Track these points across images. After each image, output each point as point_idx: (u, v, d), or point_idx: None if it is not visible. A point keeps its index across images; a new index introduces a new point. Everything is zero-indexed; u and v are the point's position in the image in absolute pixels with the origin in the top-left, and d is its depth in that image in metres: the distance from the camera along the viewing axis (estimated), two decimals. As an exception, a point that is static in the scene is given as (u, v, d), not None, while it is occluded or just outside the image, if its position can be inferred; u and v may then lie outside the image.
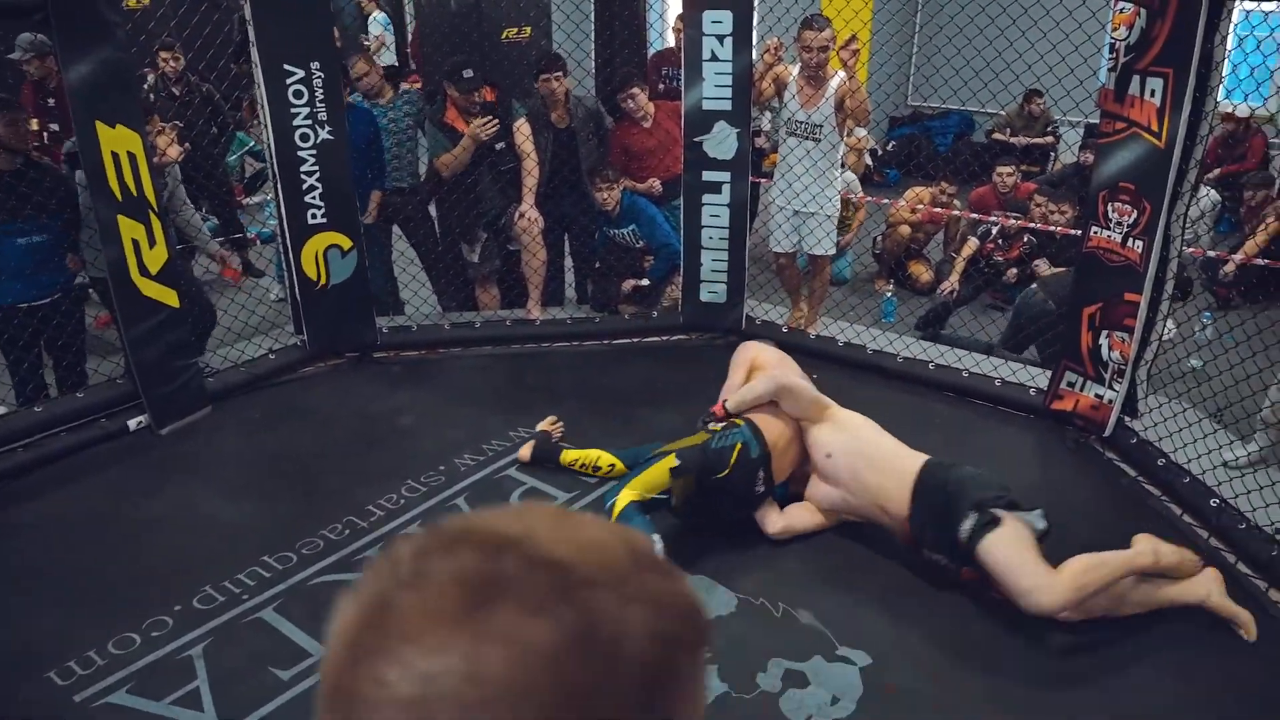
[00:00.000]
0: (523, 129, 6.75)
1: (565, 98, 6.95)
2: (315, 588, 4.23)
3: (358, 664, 0.59)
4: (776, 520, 4.57)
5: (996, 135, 11.28)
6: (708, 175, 6.61)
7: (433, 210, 7.25)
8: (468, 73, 6.44)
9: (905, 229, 8.52)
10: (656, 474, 4.33)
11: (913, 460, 4.30)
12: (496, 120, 6.59)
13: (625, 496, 4.21)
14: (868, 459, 4.37)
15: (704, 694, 0.67)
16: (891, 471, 4.29)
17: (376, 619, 0.59)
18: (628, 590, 0.61)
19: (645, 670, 0.60)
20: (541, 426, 5.44)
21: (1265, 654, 3.90)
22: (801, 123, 6.51)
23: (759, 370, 4.92)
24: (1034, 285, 7.04)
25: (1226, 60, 4.68)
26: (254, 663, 3.79)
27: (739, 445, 4.45)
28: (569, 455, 5.13)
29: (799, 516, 4.59)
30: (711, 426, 4.58)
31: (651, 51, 8.59)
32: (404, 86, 7.14)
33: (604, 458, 5.07)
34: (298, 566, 4.37)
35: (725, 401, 4.71)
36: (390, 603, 0.59)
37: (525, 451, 5.22)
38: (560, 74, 6.82)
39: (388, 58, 11.97)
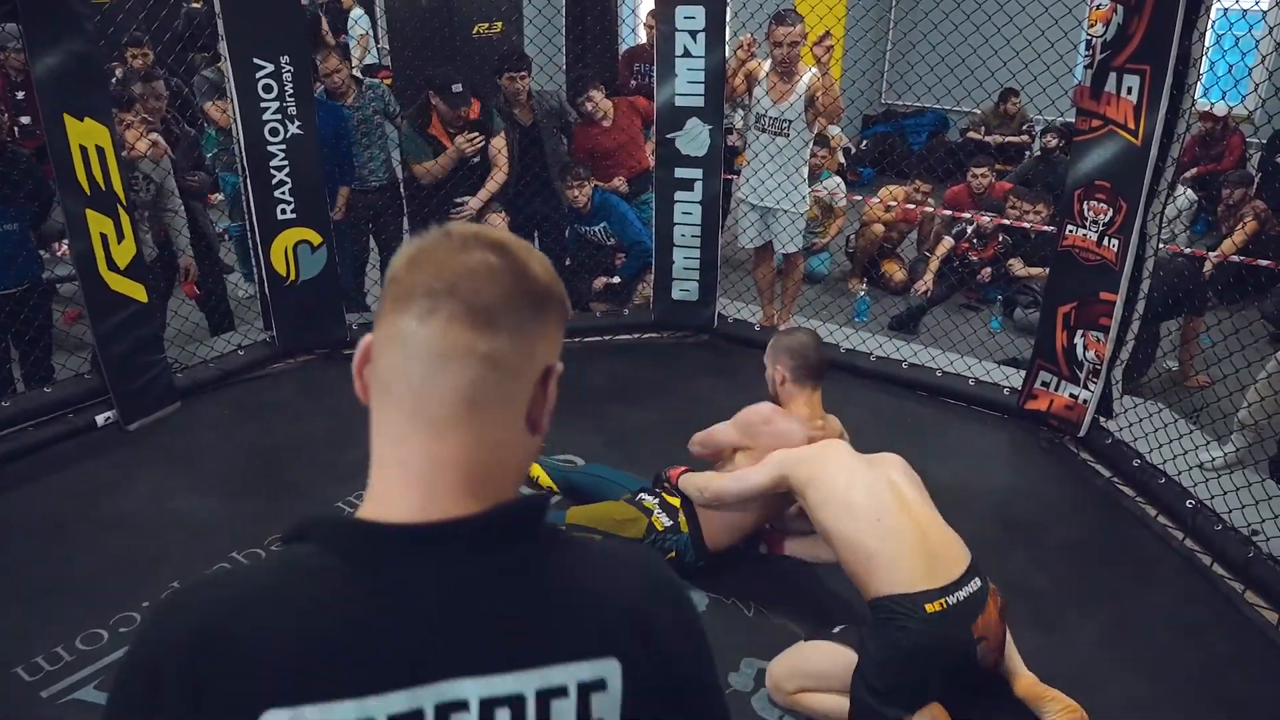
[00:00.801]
0: (498, 141, 6.76)
1: (528, 96, 6.93)
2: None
3: (405, 268, 1.16)
4: (784, 546, 4.35)
5: (971, 134, 11.29)
6: (680, 172, 6.57)
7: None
8: (457, 87, 6.40)
9: (879, 228, 8.50)
10: None
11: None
12: (483, 138, 6.62)
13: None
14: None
15: (559, 346, 1.25)
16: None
17: (420, 252, 1.16)
18: (532, 257, 1.21)
19: (537, 291, 1.18)
20: None
21: (1240, 658, 3.89)
22: (772, 118, 6.46)
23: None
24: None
25: (1204, 58, 4.67)
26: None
27: (673, 553, 4.13)
28: None
29: (809, 548, 4.26)
30: (654, 521, 4.15)
31: (623, 47, 8.56)
32: (368, 80, 7.08)
33: (534, 468, 4.80)
34: (264, 565, 4.30)
35: (681, 475, 4.22)
36: (428, 245, 1.17)
37: None
38: (524, 73, 6.79)
39: (369, 57, 11.92)
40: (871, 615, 3.37)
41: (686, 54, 6.29)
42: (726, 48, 6.37)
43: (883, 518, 3.40)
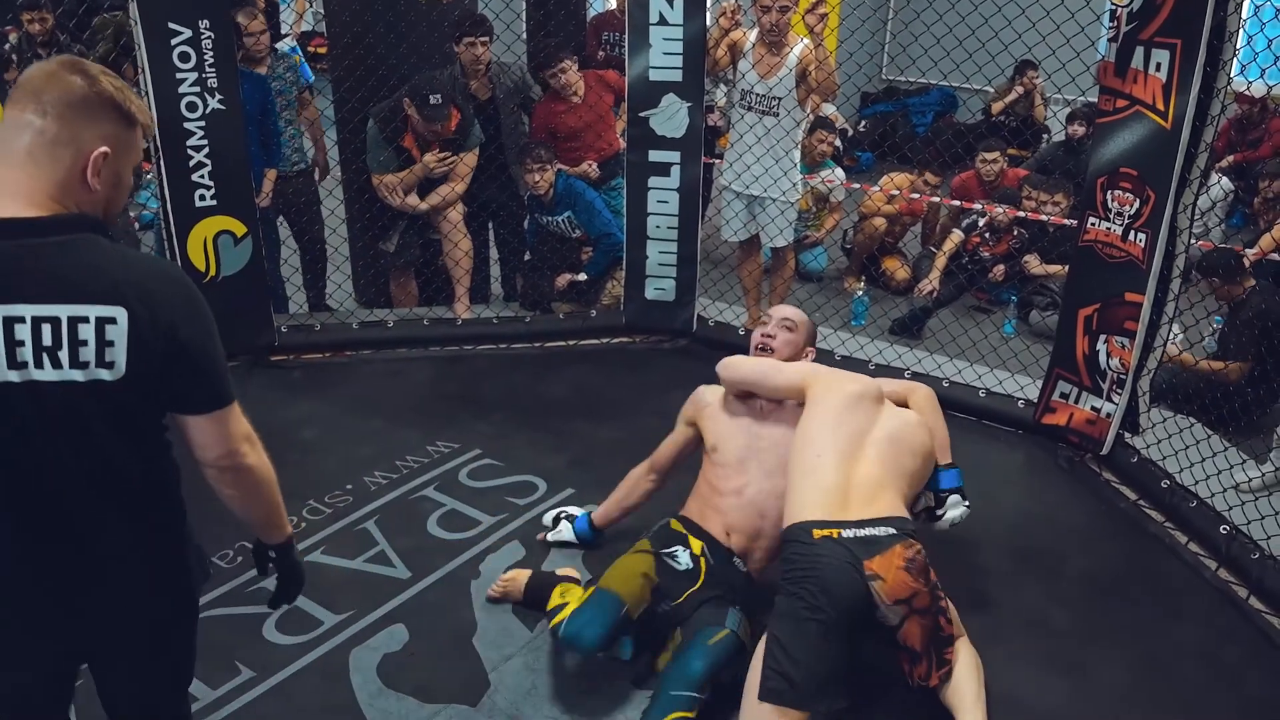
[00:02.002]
0: (469, 160, 6.83)
1: (487, 66, 6.95)
2: (203, 622, 4.12)
3: (21, 80, 2.21)
4: None
5: (996, 104, 11.30)
6: (654, 155, 6.60)
7: (339, 195, 7.26)
8: (435, 99, 6.42)
9: (880, 221, 8.52)
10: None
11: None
12: (455, 157, 6.71)
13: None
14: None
15: (114, 139, 2.22)
16: None
17: (32, 72, 2.21)
18: (102, 78, 2.20)
19: (90, 98, 2.17)
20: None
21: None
22: (759, 95, 6.51)
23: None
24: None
25: (1241, 31, 4.73)
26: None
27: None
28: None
29: None
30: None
31: (591, 13, 8.59)
32: (282, 47, 7.10)
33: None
34: (182, 600, 4.31)
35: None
36: (38, 68, 2.21)
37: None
38: (485, 39, 6.78)
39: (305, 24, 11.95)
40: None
41: (662, 21, 6.31)
42: (708, 15, 6.40)
43: (822, 454, 3.79)
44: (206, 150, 5.96)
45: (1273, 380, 5.61)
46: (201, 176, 6.00)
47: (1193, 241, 5.23)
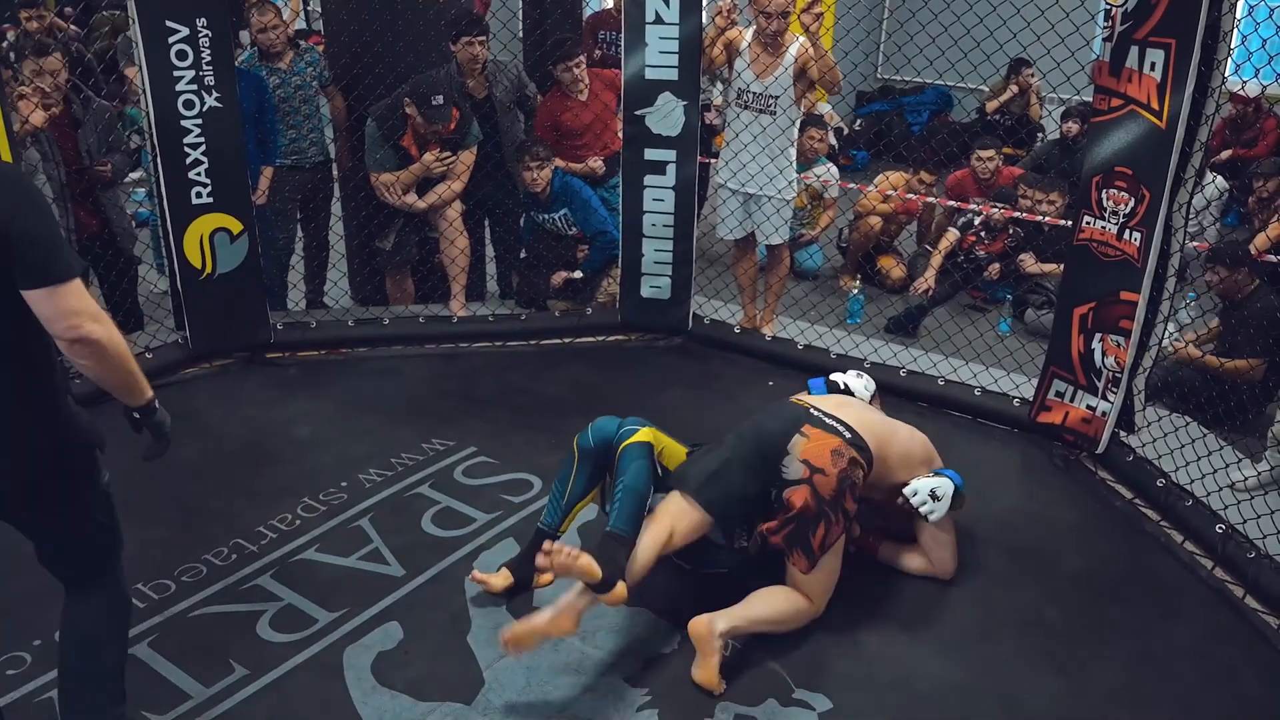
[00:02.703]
0: (466, 159, 6.84)
1: (483, 65, 6.93)
2: (196, 620, 4.16)
3: None
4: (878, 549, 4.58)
5: (990, 103, 11.28)
6: (650, 154, 6.58)
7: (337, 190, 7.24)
8: (437, 99, 6.44)
9: (875, 219, 8.52)
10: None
11: None
12: (453, 157, 6.73)
13: (645, 435, 4.14)
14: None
15: None
16: None
17: None
18: None
19: None
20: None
21: (1276, 702, 3.92)
22: (756, 94, 6.49)
23: None
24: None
25: (1235, 31, 4.71)
26: (128, 706, 3.72)
27: None
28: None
29: (900, 554, 4.58)
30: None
31: (587, 12, 8.56)
32: (303, 44, 7.07)
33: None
34: (176, 596, 4.28)
35: None
36: None
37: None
38: (482, 38, 6.78)
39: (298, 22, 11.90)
40: None
41: (658, 20, 6.29)
42: (704, 13, 6.37)
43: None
44: (203, 148, 5.95)
45: (1268, 379, 5.59)
46: (198, 174, 5.98)
47: (1187, 241, 5.21)
